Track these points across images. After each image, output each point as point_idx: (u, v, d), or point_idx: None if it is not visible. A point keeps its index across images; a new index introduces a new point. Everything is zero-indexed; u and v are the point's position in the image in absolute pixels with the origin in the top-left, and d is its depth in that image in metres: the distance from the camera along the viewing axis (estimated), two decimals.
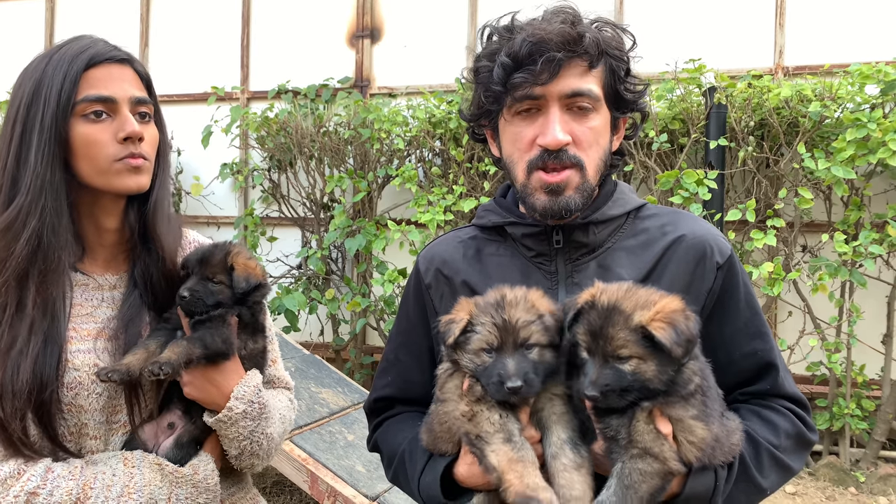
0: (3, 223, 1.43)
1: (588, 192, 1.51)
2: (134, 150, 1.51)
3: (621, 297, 1.30)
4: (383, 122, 5.45)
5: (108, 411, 1.52)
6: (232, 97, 6.56)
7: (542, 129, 1.48)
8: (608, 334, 1.27)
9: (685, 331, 1.25)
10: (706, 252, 1.53)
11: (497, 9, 1.68)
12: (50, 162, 1.44)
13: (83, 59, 1.46)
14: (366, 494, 3.39)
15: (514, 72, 1.46)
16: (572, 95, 1.46)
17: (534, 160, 1.49)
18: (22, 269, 1.42)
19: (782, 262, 4.68)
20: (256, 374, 1.64)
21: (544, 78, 1.44)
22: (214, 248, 1.65)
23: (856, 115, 4.31)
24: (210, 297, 1.58)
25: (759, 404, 1.53)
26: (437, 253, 1.69)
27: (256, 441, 1.61)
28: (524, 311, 1.37)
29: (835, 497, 4.55)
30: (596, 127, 1.50)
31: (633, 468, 1.26)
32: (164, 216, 1.61)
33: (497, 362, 1.35)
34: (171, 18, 6.90)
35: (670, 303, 1.29)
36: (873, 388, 4.90)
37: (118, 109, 1.49)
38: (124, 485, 1.45)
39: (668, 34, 5.29)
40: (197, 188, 6.57)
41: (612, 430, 1.29)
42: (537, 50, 1.43)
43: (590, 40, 1.45)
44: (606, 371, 1.27)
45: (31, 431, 1.43)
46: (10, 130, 1.46)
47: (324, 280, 6.04)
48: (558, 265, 1.56)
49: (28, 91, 1.45)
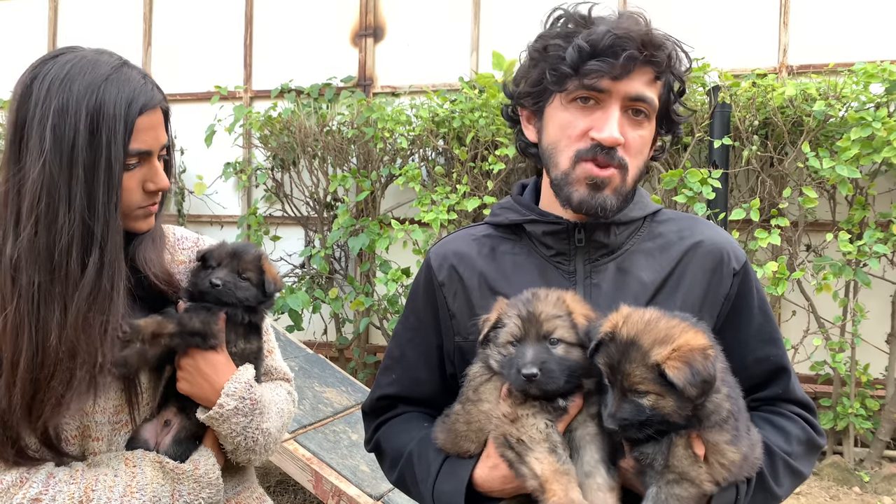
0: (89, 285, 1.40)
1: (623, 195, 1.52)
2: (156, 199, 1.53)
3: (641, 331, 1.28)
4: (386, 121, 5.44)
5: (110, 412, 1.52)
6: (235, 96, 6.56)
7: (598, 123, 1.46)
8: (625, 370, 1.26)
9: (702, 371, 1.22)
10: (723, 258, 1.54)
11: (500, 8, 1.68)
12: (118, 215, 1.43)
13: (137, 107, 1.43)
14: (370, 494, 3.39)
15: (590, 59, 1.43)
16: (635, 99, 1.46)
17: (584, 151, 1.47)
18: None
19: (786, 262, 4.67)
20: (249, 368, 1.63)
21: (618, 73, 1.42)
22: (247, 246, 1.68)
23: (860, 114, 4.30)
24: (239, 290, 1.60)
25: (770, 411, 1.54)
26: (450, 250, 1.66)
27: (251, 437, 1.60)
28: (552, 306, 1.37)
29: (839, 497, 4.54)
30: (645, 136, 1.51)
31: (671, 494, 1.26)
32: (150, 238, 1.60)
33: (518, 352, 1.35)
34: (174, 18, 6.90)
35: (691, 339, 1.26)
36: (877, 388, 4.89)
37: (149, 160, 1.49)
38: (126, 485, 1.45)
39: (671, 32, 5.26)
40: (200, 187, 6.57)
41: (648, 458, 1.28)
42: (620, 44, 1.42)
43: (665, 52, 1.47)
44: (625, 405, 1.26)
45: (30, 442, 1.42)
46: (66, 168, 1.37)
47: (327, 279, 6.04)
48: (577, 265, 1.56)
49: (84, 129, 1.37)
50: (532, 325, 1.35)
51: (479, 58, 5.96)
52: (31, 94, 1.40)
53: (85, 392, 1.41)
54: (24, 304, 1.38)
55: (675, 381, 1.21)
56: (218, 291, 1.57)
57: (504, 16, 5.85)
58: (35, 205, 1.37)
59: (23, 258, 1.38)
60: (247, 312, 1.65)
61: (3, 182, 1.42)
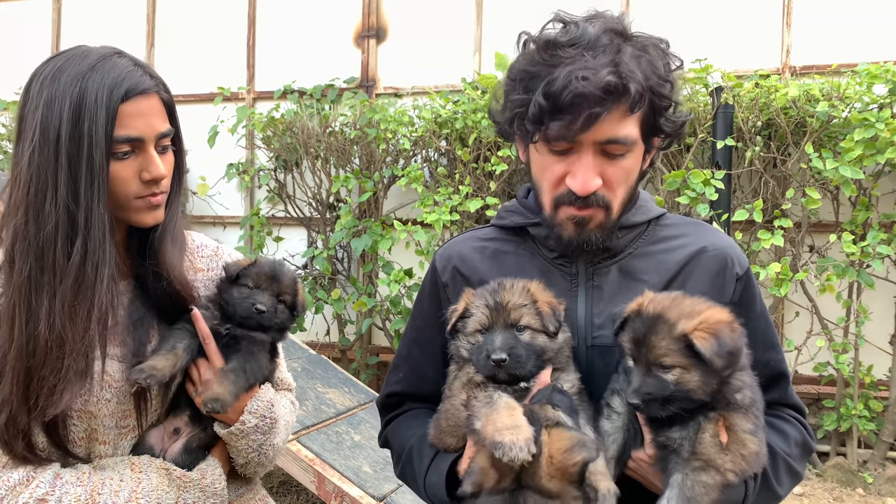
0: (73, 273, 1.39)
1: (609, 229, 1.51)
2: (156, 189, 1.50)
3: (667, 306, 1.31)
4: (389, 122, 5.45)
5: (118, 416, 1.53)
6: (238, 97, 6.57)
7: (573, 168, 1.44)
8: (651, 342, 1.28)
9: (728, 342, 1.25)
10: (727, 263, 1.55)
11: (502, 9, 1.67)
12: (104, 202, 1.41)
13: (120, 92, 1.41)
14: (373, 495, 3.39)
15: (551, 116, 1.39)
16: (608, 142, 1.42)
17: (562, 196, 1.48)
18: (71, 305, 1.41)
19: (790, 263, 4.67)
20: (269, 388, 1.65)
21: (582, 127, 1.38)
22: (283, 268, 1.66)
23: (864, 114, 4.29)
24: (277, 314, 1.61)
25: (770, 414, 1.55)
26: (454, 252, 1.69)
27: (264, 453, 1.62)
28: (518, 295, 1.44)
29: (842, 498, 4.53)
30: (628, 165, 1.47)
31: (697, 481, 1.26)
32: (170, 239, 1.58)
33: (486, 339, 1.42)
34: (177, 19, 6.91)
35: (716, 314, 1.29)
36: (881, 389, 4.88)
37: (144, 147, 1.46)
38: (132, 490, 1.45)
39: (674, 34, 5.24)
40: (203, 188, 6.58)
41: (675, 442, 1.29)
42: (579, 102, 1.35)
43: (636, 87, 1.36)
44: (649, 379, 1.27)
45: (38, 440, 1.43)
46: (52, 157, 1.38)
47: (330, 280, 6.04)
48: (579, 267, 1.57)
49: (67, 118, 1.38)
50: (500, 314, 1.42)
51: (482, 59, 5.96)
52: (29, 91, 1.44)
53: (77, 380, 1.40)
54: (15, 294, 1.39)
55: (703, 350, 1.23)
56: (262, 318, 1.57)
57: (507, 16, 5.85)
58: (25, 194, 1.39)
59: (15, 246, 1.39)
60: (279, 334, 1.66)
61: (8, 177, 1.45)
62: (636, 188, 1.57)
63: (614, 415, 1.41)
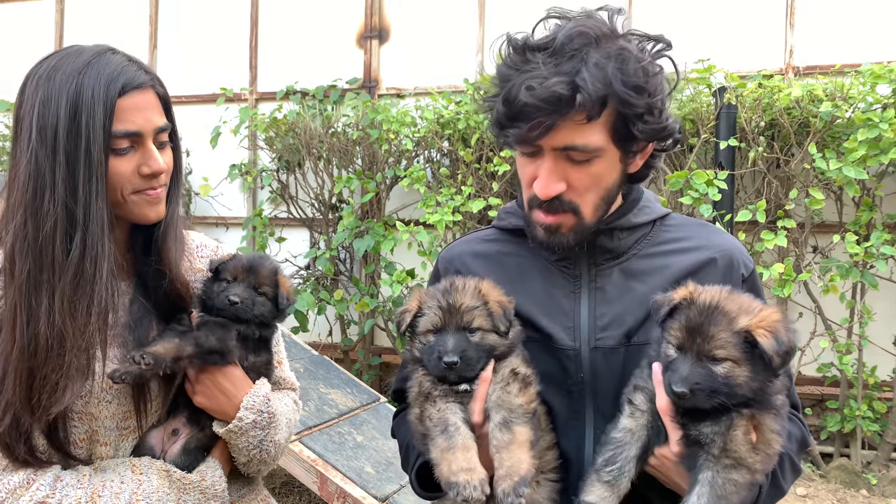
0: (72, 269, 1.39)
1: (584, 232, 1.50)
2: (155, 183, 1.50)
3: (725, 299, 1.31)
4: (391, 123, 5.44)
5: (119, 417, 1.53)
6: (240, 98, 6.57)
7: (538, 172, 1.46)
8: (709, 333, 1.27)
9: (786, 342, 1.26)
10: (733, 265, 1.56)
11: (505, 9, 1.67)
12: (102, 197, 1.41)
13: (116, 87, 1.41)
14: (375, 496, 3.39)
15: (509, 121, 1.43)
16: (565, 149, 1.42)
17: (532, 198, 1.50)
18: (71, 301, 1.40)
19: (793, 263, 4.65)
20: (265, 383, 1.64)
21: (537, 134, 1.40)
22: (262, 260, 1.66)
23: (867, 115, 4.28)
24: (255, 307, 1.60)
25: None
26: (457, 253, 1.71)
27: (265, 449, 1.61)
28: (470, 297, 1.45)
29: (846, 499, 4.51)
30: (595, 171, 1.45)
31: (728, 479, 1.26)
32: (173, 236, 1.58)
33: (438, 340, 1.43)
34: (180, 20, 6.92)
35: (772, 313, 1.29)
36: (885, 390, 4.87)
37: (142, 142, 1.47)
38: (132, 492, 1.45)
39: (677, 34, 5.23)
40: (206, 189, 6.59)
41: (706, 437, 1.29)
42: (527, 112, 1.38)
43: (585, 97, 1.34)
44: (699, 369, 1.27)
45: (39, 443, 1.43)
46: (49, 155, 1.38)
47: (332, 281, 6.04)
48: (581, 269, 1.57)
49: (64, 115, 1.38)
50: (452, 316, 1.44)
51: (485, 59, 5.96)
52: (24, 91, 1.44)
53: (78, 377, 1.40)
54: (16, 295, 1.39)
55: (766, 348, 1.24)
56: (236, 309, 1.56)
57: (509, 17, 5.84)
58: (24, 194, 1.39)
59: (14, 248, 1.39)
60: (260, 328, 1.64)
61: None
62: (617, 192, 1.54)
63: (637, 412, 1.39)
